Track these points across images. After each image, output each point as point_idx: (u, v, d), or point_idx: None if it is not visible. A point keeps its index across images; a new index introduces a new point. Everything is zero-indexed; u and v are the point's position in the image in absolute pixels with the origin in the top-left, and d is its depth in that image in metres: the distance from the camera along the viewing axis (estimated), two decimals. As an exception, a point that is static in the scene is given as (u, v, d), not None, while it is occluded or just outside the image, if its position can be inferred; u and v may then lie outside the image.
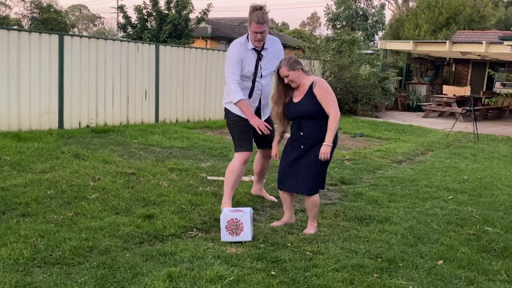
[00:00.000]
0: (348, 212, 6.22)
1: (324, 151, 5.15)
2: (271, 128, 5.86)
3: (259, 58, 5.87)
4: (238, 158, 6.00)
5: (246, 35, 5.88)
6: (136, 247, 4.77)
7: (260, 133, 5.62)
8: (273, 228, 5.48)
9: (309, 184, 5.35)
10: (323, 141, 5.16)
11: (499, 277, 4.50)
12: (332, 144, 5.18)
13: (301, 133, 5.31)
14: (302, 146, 5.32)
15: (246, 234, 5.03)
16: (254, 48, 5.84)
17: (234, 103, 5.72)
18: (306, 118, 5.28)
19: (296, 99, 5.34)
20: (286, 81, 5.28)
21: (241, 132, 5.97)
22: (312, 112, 5.22)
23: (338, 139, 5.41)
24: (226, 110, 6.11)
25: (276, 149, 5.63)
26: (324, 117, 5.20)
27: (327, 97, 5.19)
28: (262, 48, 5.88)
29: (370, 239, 5.28)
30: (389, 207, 6.61)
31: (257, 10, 5.65)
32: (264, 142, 6.15)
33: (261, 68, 5.92)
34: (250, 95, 5.95)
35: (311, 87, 5.24)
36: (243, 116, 5.83)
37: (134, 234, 5.06)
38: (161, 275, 4.04)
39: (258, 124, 5.62)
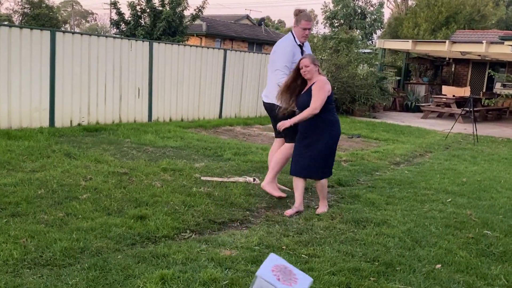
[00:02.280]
0: (344, 215, 6.22)
1: (282, 123, 6.25)
2: None
3: (301, 53, 6.87)
4: (292, 147, 6.71)
5: (290, 33, 6.93)
6: (128, 249, 4.77)
7: None
8: (268, 230, 5.49)
9: (315, 170, 6.28)
10: (324, 131, 6.15)
11: (498, 282, 4.52)
12: (291, 124, 6.19)
13: (303, 123, 6.20)
14: (306, 136, 6.24)
15: None
16: (298, 44, 6.88)
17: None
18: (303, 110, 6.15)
19: (302, 92, 6.27)
20: (303, 69, 6.10)
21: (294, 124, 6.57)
22: (306, 105, 6.09)
23: (340, 130, 6.39)
24: (273, 106, 6.81)
25: None
26: (322, 111, 6.07)
27: (318, 93, 6.03)
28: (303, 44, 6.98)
29: (367, 242, 5.30)
30: (387, 209, 6.62)
31: (304, 11, 6.84)
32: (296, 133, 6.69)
33: None
34: None
35: (313, 84, 6.11)
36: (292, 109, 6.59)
37: (126, 235, 5.05)
38: (153, 278, 4.04)
39: None
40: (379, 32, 49.19)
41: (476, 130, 14.33)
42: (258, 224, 5.81)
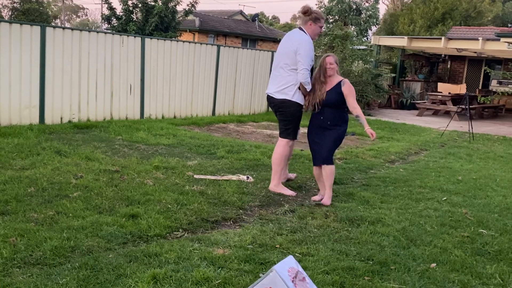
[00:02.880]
0: (339, 213, 6.24)
1: (371, 131, 6.81)
2: None
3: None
4: (289, 144, 7.36)
5: (301, 30, 7.22)
6: (120, 248, 4.76)
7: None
8: (261, 228, 5.51)
9: (325, 156, 6.88)
10: (338, 126, 6.85)
11: (493, 281, 4.54)
12: (369, 127, 6.87)
13: (321, 117, 6.89)
14: (322, 127, 6.89)
15: None
16: None
17: (309, 91, 7.02)
18: (332, 106, 6.84)
19: (322, 90, 6.87)
20: (328, 66, 6.83)
21: (298, 123, 7.32)
22: (334, 102, 6.80)
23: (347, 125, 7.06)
24: (290, 102, 7.14)
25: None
26: (341, 107, 6.88)
27: (351, 94, 6.84)
28: None
29: (361, 240, 5.31)
30: (381, 208, 6.64)
31: (312, 8, 7.21)
32: (296, 132, 7.40)
33: None
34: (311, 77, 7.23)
35: (339, 83, 6.83)
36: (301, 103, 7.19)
37: (117, 234, 5.05)
38: (145, 277, 4.04)
39: None
40: (374, 29, 49.08)
41: (471, 128, 14.38)
42: (251, 223, 5.82)
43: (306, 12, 7.16)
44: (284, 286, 3.35)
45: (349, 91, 6.81)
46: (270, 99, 7.39)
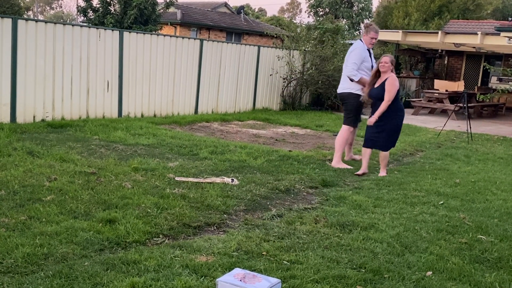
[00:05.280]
0: (329, 218, 6.25)
1: (370, 120, 8.88)
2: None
3: (370, 54, 9.66)
4: (350, 130, 9.81)
5: (359, 40, 9.82)
6: (96, 255, 4.75)
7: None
8: (247, 234, 5.50)
9: (381, 144, 8.93)
10: (392, 116, 8.75)
11: (492, 290, 4.57)
12: (377, 118, 8.75)
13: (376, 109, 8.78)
14: (381, 119, 8.74)
15: None
16: (367, 49, 9.63)
17: (356, 81, 9.36)
18: (379, 100, 8.70)
19: (375, 85, 8.80)
20: (382, 63, 8.65)
21: (358, 113, 9.89)
22: (377, 95, 8.69)
23: (404, 114, 9.08)
24: (346, 94, 9.68)
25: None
26: (392, 101, 8.60)
27: (390, 88, 8.57)
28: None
29: (353, 247, 5.33)
30: (374, 212, 6.66)
31: (372, 24, 9.77)
32: (356, 120, 9.98)
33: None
34: None
35: (386, 79, 8.59)
36: (359, 93, 9.52)
37: (94, 240, 5.04)
38: (123, 286, 4.04)
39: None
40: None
41: (470, 127, 14.43)
42: (236, 228, 5.82)
43: (366, 26, 9.81)
44: (234, 287, 3.58)
45: (388, 85, 8.57)
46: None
